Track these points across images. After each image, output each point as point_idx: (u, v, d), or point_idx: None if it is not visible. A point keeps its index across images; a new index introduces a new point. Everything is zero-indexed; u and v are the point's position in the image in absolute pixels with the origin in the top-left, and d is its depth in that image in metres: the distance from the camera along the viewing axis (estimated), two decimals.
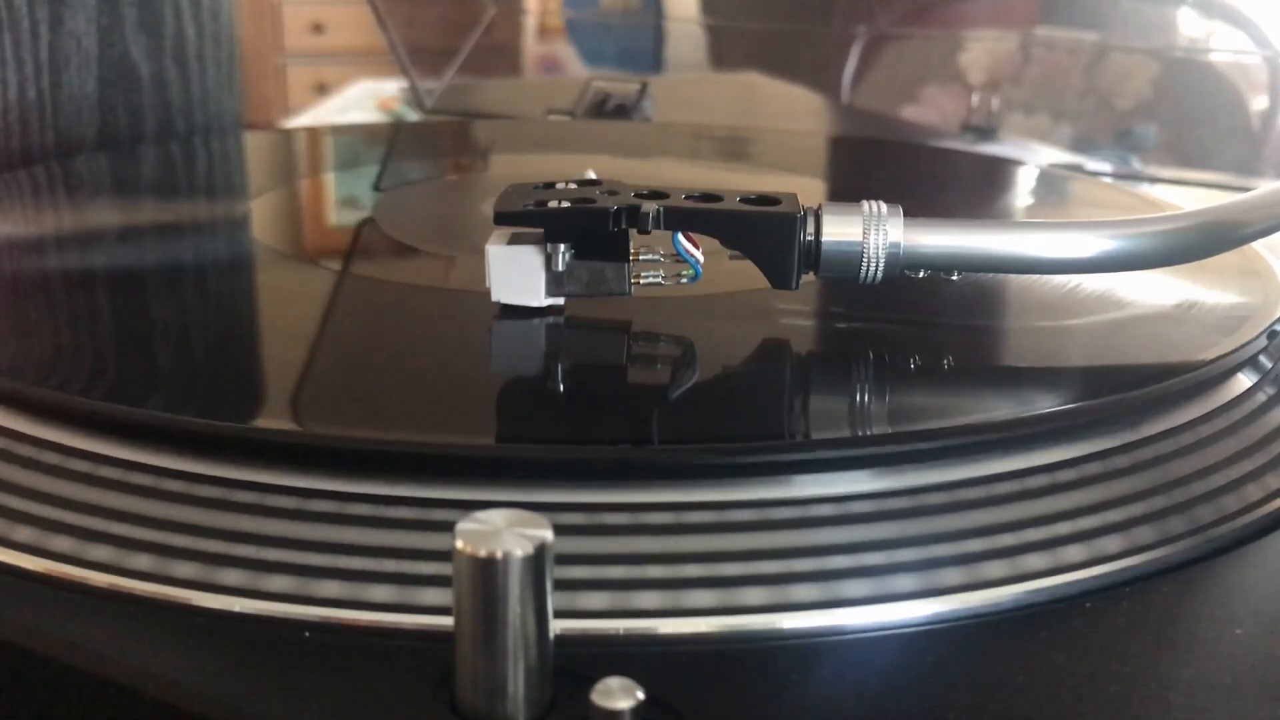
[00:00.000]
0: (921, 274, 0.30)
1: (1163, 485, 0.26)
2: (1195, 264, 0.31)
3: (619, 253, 0.30)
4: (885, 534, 0.23)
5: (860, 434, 0.27)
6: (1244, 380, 0.30)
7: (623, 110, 0.69)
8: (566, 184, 0.32)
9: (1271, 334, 0.32)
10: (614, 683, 0.18)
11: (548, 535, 0.18)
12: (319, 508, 0.24)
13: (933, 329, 0.34)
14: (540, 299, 0.31)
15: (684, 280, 0.31)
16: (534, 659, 0.19)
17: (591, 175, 0.33)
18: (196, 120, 0.59)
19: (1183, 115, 0.63)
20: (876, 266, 0.29)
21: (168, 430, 0.25)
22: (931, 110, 0.68)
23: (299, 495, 0.24)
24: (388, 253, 0.41)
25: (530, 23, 0.83)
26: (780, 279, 0.30)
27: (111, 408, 0.26)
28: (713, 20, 0.76)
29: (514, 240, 0.31)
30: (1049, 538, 0.24)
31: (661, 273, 0.31)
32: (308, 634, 0.21)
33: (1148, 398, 0.28)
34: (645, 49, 0.79)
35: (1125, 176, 0.61)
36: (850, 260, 0.29)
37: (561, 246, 0.30)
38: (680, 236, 0.30)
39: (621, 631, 0.22)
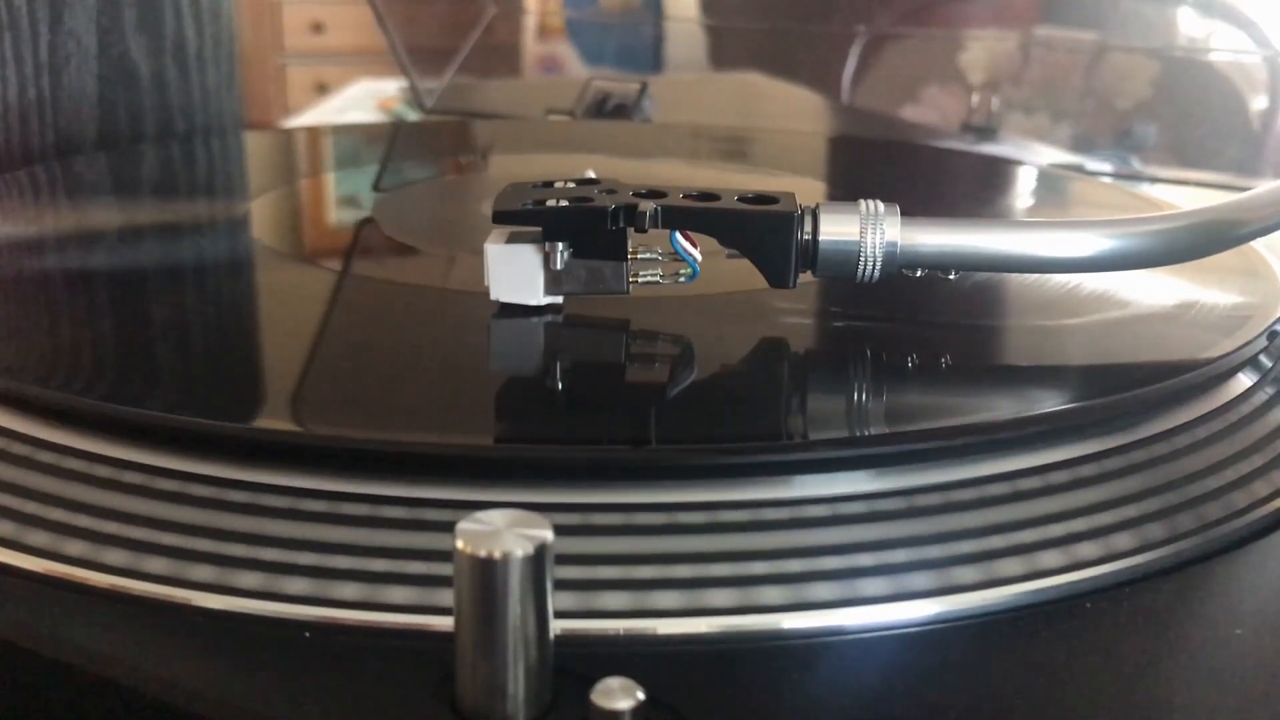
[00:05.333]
0: (919, 273, 0.30)
1: (1163, 485, 0.26)
2: (1195, 264, 0.31)
3: (617, 251, 0.30)
4: (884, 534, 0.23)
5: (859, 434, 0.27)
6: (1244, 380, 0.30)
7: (623, 110, 0.69)
8: (565, 183, 0.32)
9: (1271, 334, 0.32)
10: (614, 683, 0.18)
11: (548, 535, 0.18)
12: (318, 508, 0.24)
13: (931, 328, 0.34)
14: (539, 297, 0.31)
15: (682, 279, 0.31)
16: (534, 659, 0.19)
17: (591, 175, 0.33)
18: (196, 120, 0.59)
19: (1183, 115, 0.63)
20: (874, 265, 0.29)
21: (168, 430, 0.25)
22: (931, 110, 0.68)
23: (298, 495, 0.24)
24: (388, 253, 0.41)
25: (530, 23, 0.83)
26: (778, 278, 0.30)
27: (111, 408, 0.26)
28: (713, 20, 0.76)
29: (513, 239, 0.31)
30: (1049, 537, 0.24)
31: (659, 271, 0.31)
32: (307, 634, 0.21)
33: (1148, 398, 0.28)
34: (645, 49, 0.79)
35: (1125, 176, 0.61)
36: (847, 259, 0.29)
37: (560, 245, 0.30)
38: (678, 235, 0.30)
39: (621, 631, 0.22)
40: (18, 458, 0.26)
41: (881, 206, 0.30)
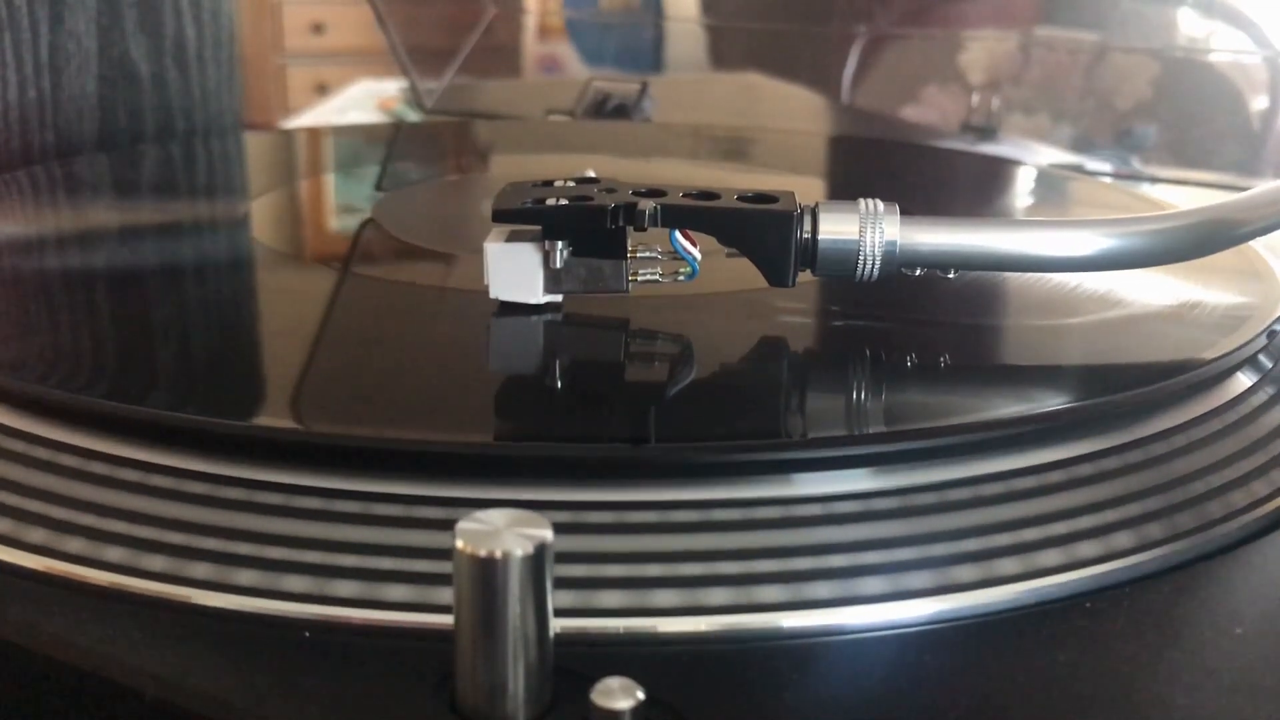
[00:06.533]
0: (918, 272, 0.30)
1: (1163, 484, 0.26)
2: (1194, 263, 0.31)
3: (617, 250, 0.30)
4: (884, 533, 0.23)
5: (858, 433, 0.27)
6: (1244, 380, 0.30)
7: (623, 110, 0.69)
8: (565, 182, 0.32)
9: (1271, 333, 0.32)
10: (614, 683, 0.18)
11: (548, 535, 0.18)
12: (318, 506, 0.24)
13: (930, 327, 0.34)
14: (538, 296, 0.31)
15: (681, 278, 0.31)
16: (534, 659, 0.19)
17: (591, 174, 0.33)
18: (196, 120, 0.59)
19: (1183, 115, 0.63)
20: (873, 264, 0.29)
21: (169, 429, 0.25)
22: (931, 110, 0.68)
23: (298, 493, 0.24)
24: (388, 252, 0.41)
25: (530, 23, 0.83)
26: (777, 277, 0.30)
27: (111, 406, 0.26)
28: (713, 20, 0.76)
29: (512, 238, 0.31)
30: (1049, 537, 0.24)
31: (659, 270, 0.31)
32: (307, 633, 0.21)
33: (1148, 397, 0.28)
34: (645, 49, 0.79)
35: (1125, 176, 0.61)
36: (847, 258, 0.29)
37: (559, 244, 0.30)
38: (678, 234, 0.30)
39: (621, 631, 0.22)
40: (18, 455, 0.26)
41: (881, 205, 0.30)
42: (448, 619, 0.19)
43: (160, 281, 0.37)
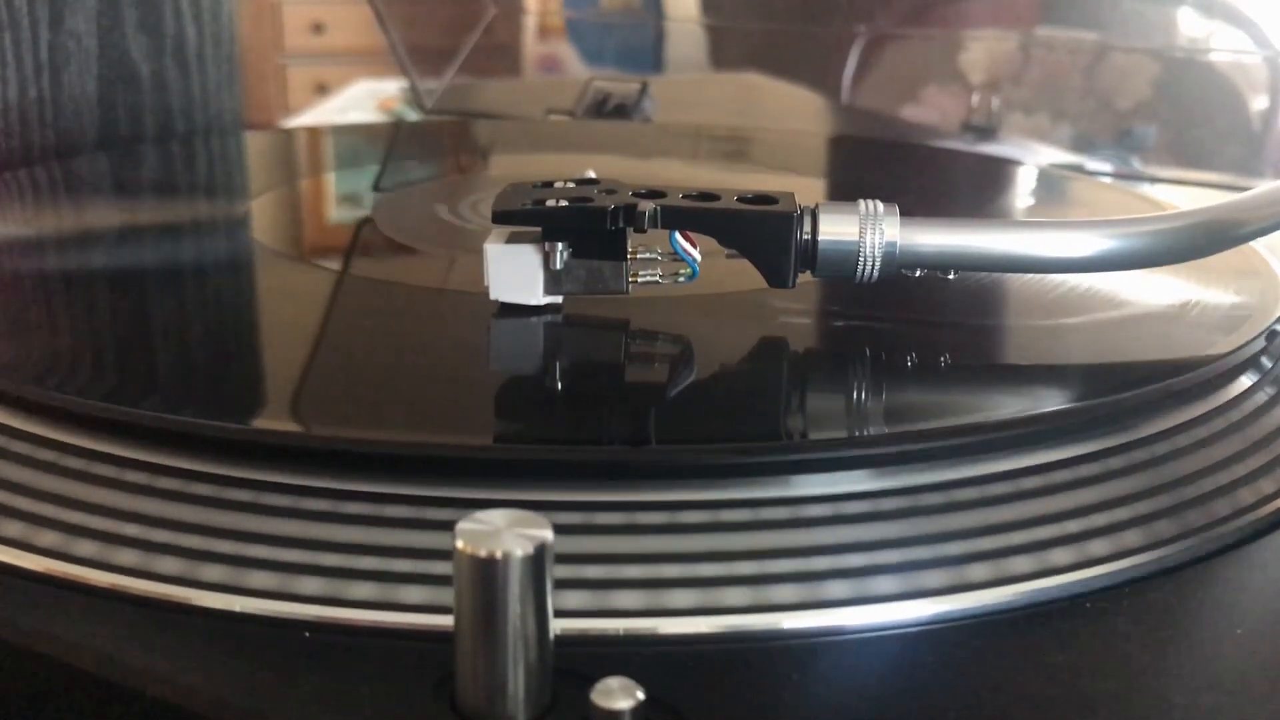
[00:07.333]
0: (918, 273, 0.30)
1: (1163, 485, 0.26)
2: (1195, 264, 0.31)
3: (617, 251, 0.30)
4: (885, 533, 0.23)
5: (858, 434, 0.27)
6: (1244, 380, 0.30)
7: (623, 110, 0.69)
8: (565, 183, 0.32)
9: (1271, 334, 0.32)
10: (614, 683, 0.18)
11: (548, 535, 0.18)
12: (318, 507, 0.24)
13: (931, 328, 0.34)
14: (538, 297, 0.31)
15: (681, 279, 0.31)
16: (534, 659, 0.19)
17: (591, 175, 0.33)
18: (196, 120, 0.59)
19: (1183, 115, 0.63)
20: (873, 265, 0.29)
21: (168, 430, 0.25)
22: (931, 110, 0.68)
23: (299, 494, 0.24)
24: (387, 253, 0.41)
25: (530, 23, 0.83)
26: (777, 278, 0.30)
27: (111, 408, 0.26)
28: (713, 20, 0.76)
29: (512, 239, 0.31)
30: (1050, 537, 0.24)
31: (659, 272, 0.31)
32: (308, 633, 0.21)
33: (1148, 398, 0.28)
34: (645, 49, 0.79)
35: (1125, 176, 0.61)
36: (847, 259, 0.29)
37: (559, 245, 0.30)
38: (678, 235, 0.30)
39: (621, 631, 0.22)
40: (18, 456, 0.26)
41: (881, 206, 0.30)
42: (448, 619, 0.19)
43: (160, 282, 0.37)
